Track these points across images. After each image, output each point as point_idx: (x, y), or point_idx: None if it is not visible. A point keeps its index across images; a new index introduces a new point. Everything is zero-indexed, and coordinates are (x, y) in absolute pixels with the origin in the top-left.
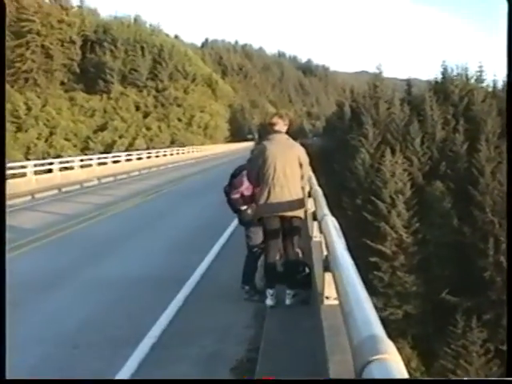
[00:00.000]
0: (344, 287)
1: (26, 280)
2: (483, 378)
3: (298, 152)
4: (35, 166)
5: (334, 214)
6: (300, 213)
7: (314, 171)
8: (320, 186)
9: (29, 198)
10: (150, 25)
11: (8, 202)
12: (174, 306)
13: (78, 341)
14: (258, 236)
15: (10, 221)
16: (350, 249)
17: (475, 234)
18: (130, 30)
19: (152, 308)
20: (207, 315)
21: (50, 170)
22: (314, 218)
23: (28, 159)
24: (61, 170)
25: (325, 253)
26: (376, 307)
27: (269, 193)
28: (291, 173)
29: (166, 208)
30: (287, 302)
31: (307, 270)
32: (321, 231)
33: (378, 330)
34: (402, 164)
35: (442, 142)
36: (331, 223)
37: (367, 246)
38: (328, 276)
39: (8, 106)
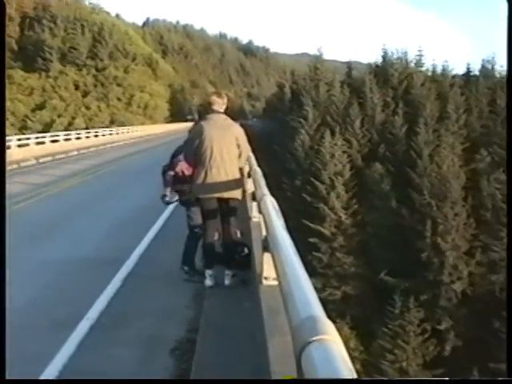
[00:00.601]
0: (283, 268)
1: None
2: (483, 378)
3: (236, 132)
4: None
5: (273, 195)
6: (237, 194)
7: (254, 152)
8: (260, 166)
9: None
10: (90, 3)
11: None
12: (112, 288)
13: (14, 323)
14: (198, 216)
15: None
16: (290, 230)
17: (413, 216)
18: (69, 8)
19: (90, 290)
20: (145, 296)
21: None
22: (254, 198)
23: None
24: None
25: (264, 233)
26: (315, 288)
27: (205, 173)
28: (228, 153)
29: (105, 188)
30: (226, 282)
31: (246, 250)
32: (260, 212)
33: (318, 310)
34: (341, 146)
35: (382, 124)
36: (270, 203)
37: (306, 227)
38: (267, 256)
39: None
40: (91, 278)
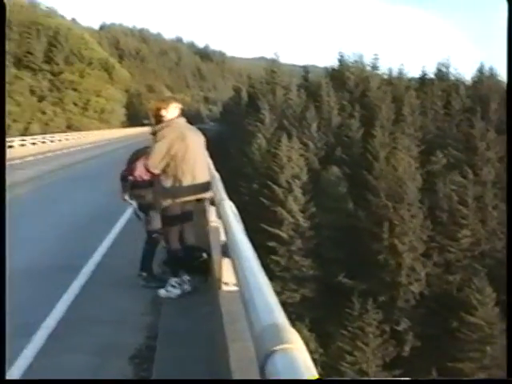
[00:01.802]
0: (244, 273)
1: None
2: (483, 378)
3: (203, 137)
4: None
5: (231, 199)
6: (207, 195)
7: (211, 156)
8: (217, 170)
9: None
10: (46, 7)
11: None
12: (69, 295)
13: None
14: (157, 221)
15: None
16: (248, 234)
17: (370, 218)
18: (24, 12)
19: (45, 298)
20: (103, 304)
21: None
22: (212, 202)
23: None
24: None
25: (223, 238)
26: (274, 291)
27: (176, 177)
28: (201, 157)
29: (60, 194)
30: (186, 287)
31: (205, 255)
32: (219, 216)
33: (280, 317)
34: (298, 149)
35: (338, 127)
36: (229, 208)
37: (264, 231)
38: (226, 262)
39: None
40: (46, 286)
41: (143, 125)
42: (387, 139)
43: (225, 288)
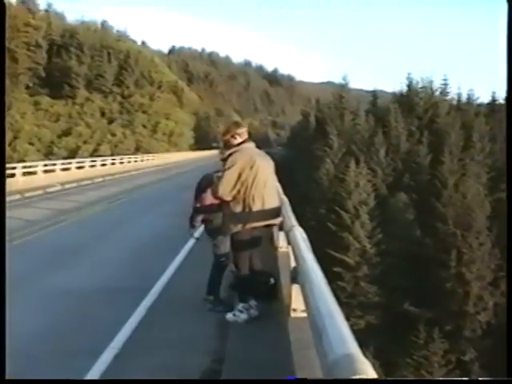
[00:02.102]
0: (315, 301)
1: None
2: (483, 378)
3: (272, 162)
4: None
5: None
6: (277, 222)
7: (279, 181)
8: (285, 195)
9: None
10: (117, 30)
11: None
12: (136, 317)
13: (23, 352)
14: (225, 245)
15: None
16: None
17: (437, 245)
18: (96, 35)
19: (113, 319)
20: (170, 326)
21: (12, 175)
22: (281, 227)
23: None
24: (24, 174)
25: (293, 264)
26: None
27: (247, 204)
28: (271, 182)
29: (128, 216)
30: (253, 312)
31: (272, 280)
32: (288, 242)
33: (354, 348)
34: (366, 175)
35: (406, 153)
36: (300, 234)
37: (330, 256)
38: (296, 288)
39: None
40: (115, 307)
41: (211, 147)
42: (456, 166)
43: (293, 315)
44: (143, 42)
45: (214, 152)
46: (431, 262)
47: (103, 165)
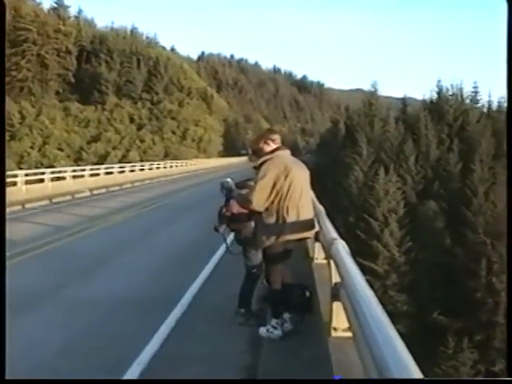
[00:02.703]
0: (366, 321)
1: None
2: (483, 378)
3: (307, 170)
4: (26, 175)
5: None
6: (311, 234)
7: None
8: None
9: (18, 207)
10: (147, 37)
11: None
12: (164, 330)
13: (48, 366)
14: (257, 257)
15: None
16: None
17: (467, 254)
18: (126, 42)
19: (140, 332)
20: (200, 340)
21: (41, 180)
22: (316, 238)
23: (21, 168)
24: (52, 180)
25: (334, 280)
26: None
27: (281, 215)
28: (307, 192)
29: (156, 223)
30: (286, 326)
31: (307, 293)
32: (328, 256)
33: (416, 373)
34: (395, 182)
35: (436, 161)
36: (342, 248)
37: (359, 264)
38: (337, 305)
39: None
40: (142, 318)
41: (240, 154)
42: (486, 174)
43: (334, 334)
44: (172, 49)
45: (243, 159)
46: (461, 271)
47: (132, 171)
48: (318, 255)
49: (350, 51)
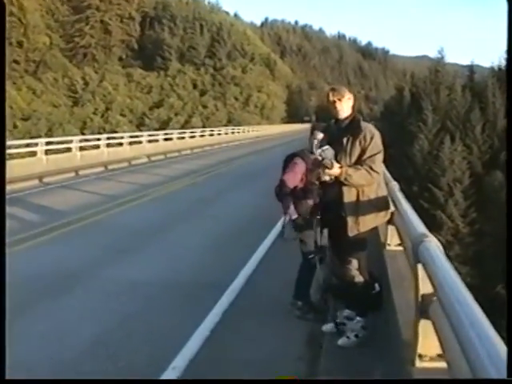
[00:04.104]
0: (474, 349)
1: (38, 277)
2: (483, 378)
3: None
4: (80, 141)
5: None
6: (387, 217)
7: None
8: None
9: (72, 174)
10: (209, 2)
11: (45, 180)
12: (207, 324)
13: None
14: (313, 240)
15: (44, 200)
16: None
17: None
18: (189, 8)
19: (179, 326)
20: (248, 338)
21: (97, 147)
22: (389, 221)
23: (83, 134)
24: (108, 146)
25: (422, 291)
26: None
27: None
28: (380, 165)
29: (213, 193)
30: (354, 328)
31: (377, 287)
32: (415, 259)
33: None
34: (461, 152)
35: (504, 130)
36: (436, 249)
37: None
38: (425, 325)
39: (65, 81)
40: (184, 309)
41: (303, 121)
42: None
43: (420, 364)
44: (236, 15)
45: (306, 126)
46: None
47: (192, 137)
48: (391, 240)
49: (416, 18)
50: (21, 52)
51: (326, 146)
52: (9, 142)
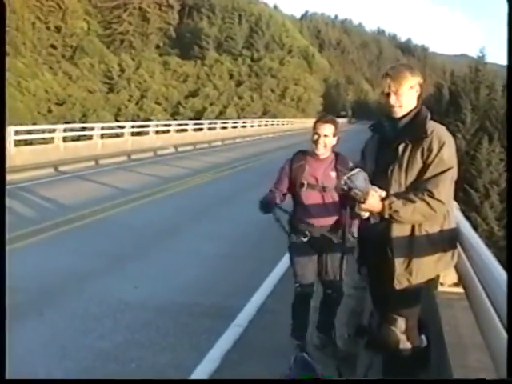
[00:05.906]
0: None
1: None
2: (483, 378)
3: None
4: (102, 128)
5: None
6: None
7: None
8: None
9: (91, 163)
10: None
11: (61, 169)
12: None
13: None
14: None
15: (49, 192)
16: None
17: None
18: None
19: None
20: None
21: (119, 135)
22: None
23: (117, 120)
24: (133, 134)
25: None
26: None
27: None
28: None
29: (238, 190)
30: None
31: (425, 340)
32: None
33: None
34: (499, 153)
35: None
36: (502, 288)
37: None
38: None
39: (102, 67)
40: (178, 344)
41: (339, 116)
42: None
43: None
44: (275, 6)
45: (342, 121)
46: None
47: (223, 128)
48: (445, 278)
49: (457, 16)
50: (58, 37)
51: (356, 170)
52: (26, 128)
